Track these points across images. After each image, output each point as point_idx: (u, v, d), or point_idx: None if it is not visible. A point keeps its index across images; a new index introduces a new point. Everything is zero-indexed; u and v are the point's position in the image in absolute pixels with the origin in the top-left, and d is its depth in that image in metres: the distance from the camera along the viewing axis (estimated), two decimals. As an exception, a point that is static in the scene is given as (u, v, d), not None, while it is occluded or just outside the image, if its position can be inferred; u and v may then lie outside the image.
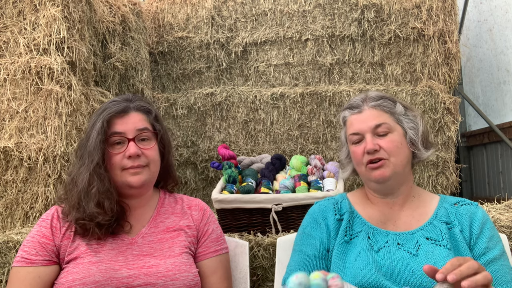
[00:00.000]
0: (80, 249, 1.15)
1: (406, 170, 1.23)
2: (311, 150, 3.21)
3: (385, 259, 1.12)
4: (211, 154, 3.29)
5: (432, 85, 3.28)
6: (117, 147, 1.20)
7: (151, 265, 1.16)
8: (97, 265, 1.12)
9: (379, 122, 1.21)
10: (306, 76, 3.45)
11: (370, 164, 1.19)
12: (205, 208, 1.35)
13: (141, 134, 1.21)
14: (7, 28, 2.33)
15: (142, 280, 1.12)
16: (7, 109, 2.20)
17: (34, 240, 1.17)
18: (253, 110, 3.27)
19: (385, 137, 1.20)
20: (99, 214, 1.14)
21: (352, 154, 1.27)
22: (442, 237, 1.14)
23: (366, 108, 1.25)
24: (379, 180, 1.19)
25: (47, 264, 1.15)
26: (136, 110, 1.24)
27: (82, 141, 1.24)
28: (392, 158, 1.19)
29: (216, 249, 1.29)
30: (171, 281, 1.14)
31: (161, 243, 1.22)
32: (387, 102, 1.26)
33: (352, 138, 1.25)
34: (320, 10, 3.45)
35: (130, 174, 1.19)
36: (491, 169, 3.92)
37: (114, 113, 1.20)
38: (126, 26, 3.04)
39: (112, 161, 1.19)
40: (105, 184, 1.16)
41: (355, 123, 1.25)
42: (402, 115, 1.25)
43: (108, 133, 1.19)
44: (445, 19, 3.36)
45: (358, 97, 1.29)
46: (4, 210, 2.17)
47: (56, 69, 2.19)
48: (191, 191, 3.34)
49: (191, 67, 3.64)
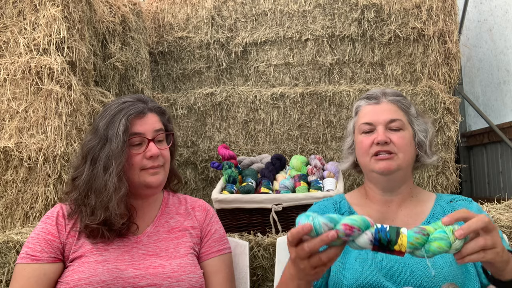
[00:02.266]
0: (86, 247, 1.15)
1: (409, 170, 1.24)
2: (311, 150, 3.21)
3: (385, 260, 1.12)
4: (211, 154, 3.29)
5: (432, 85, 3.28)
6: (136, 148, 1.20)
7: (157, 266, 1.16)
8: (103, 264, 1.11)
9: (394, 117, 1.22)
10: (306, 76, 3.45)
11: (377, 156, 1.19)
12: (208, 209, 1.35)
13: (158, 136, 1.23)
14: (7, 28, 2.33)
15: (148, 280, 1.13)
16: (7, 109, 2.20)
17: (40, 237, 1.17)
18: (253, 110, 3.27)
19: (397, 132, 1.21)
20: (123, 215, 1.14)
21: (359, 144, 1.26)
22: None
23: (384, 101, 1.26)
24: (383, 172, 1.18)
25: (52, 261, 1.14)
26: (152, 111, 1.26)
27: (92, 143, 1.20)
28: (400, 154, 1.19)
29: (219, 249, 1.29)
30: (176, 282, 1.14)
31: (166, 242, 1.22)
32: (405, 100, 1.28)
33: (363, 128, 1.24)
34: (320, 10, 3.45)
35: (149, 174, 1.20)
36: (491, 169, 3.92)
37: (134, 114, 1.20)
38: (126, 26, 3.04)
39: (132, 161, 1.19)
40: (126, 186, 1.16)
41: (369, 113, 1.25)
42: (414, 117, 1.27)
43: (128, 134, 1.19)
44: (445, 19, 3.36)
45: (377, 90, 1.30)
46: (4, 210, 2.17)
47: (56, 69, 2.19)
48: (191, 191, 3.34)
49: (191, 67, 3.64)
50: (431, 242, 0.84)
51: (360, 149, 1.25)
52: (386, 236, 0.83)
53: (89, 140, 1.22)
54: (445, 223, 0.86)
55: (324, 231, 0.82)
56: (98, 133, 1.20)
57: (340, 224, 0.83)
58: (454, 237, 0.83)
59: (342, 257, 1.15)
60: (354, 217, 0.85)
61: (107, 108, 1.24)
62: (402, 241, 0.83)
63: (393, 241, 0.83)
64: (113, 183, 1.14)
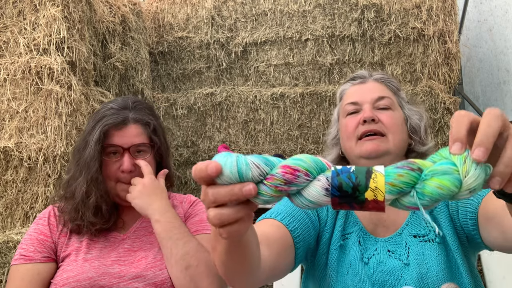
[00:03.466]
0: (74, 245, 1.16)
1: (399, 157, 1.05)
2: (311, 150, 3.21)
3: (376, 273, 1.01)
4: (211, 154, 3.29)
5: (432, 85, 3.28)
6: (113, 156, 1.19)
7: (140, 258, 1.16)
8: (90, 262, 1.13)
9: (382, 95, 1.07)
10: (306, 76, 3.45)
11: (363, 138, 1.01)
12: (195, 200, 1.35)
13: (137, 147, 1.20)
14: (7, 28, 2.33)
15: (133, 273, 1.14)
16: (7, 109, 2.20)
17: (32, 237, 1.18)
18: (253, 110, 3.27)
19: (386, 111, 1.05)
20: (97, 222, 1.15)
21: (343, 128, 1.08)
22: (427, 228, 1.02)
23: (370, 80, 1.12)
24: (371, 154, 1.00)
25: (46, 261, 1.15)
26: (135, 122, 1.21)
27: (78, 144, 1.22)
28: (390, 135, 1.02)
29: (197, 229, 1.27)
30: (160, 271, 1.14)
31: (151, 236, 1.22)
32: (394, 82, 1.13)
33: (348, 108, 1.08)
34: (320, 10, 3.45)
35: (122, 189, 1.18)
36: (491, 169, 3.92)
37: (111, 125, 1.18)
38: (126, 26, 3.04)
39: (108, 170, 1.18)
40: (102, 190, 1.16)
41: (355, 93, 1.10)
42: (405, 101, 1.12)
43: (105, 142, 1.18)
44: (445, 19, 3.36)
45: (363, 71, 1.16)
46: (4, 210, 2.17)
47: (56, 69, 2.18)
48: (191, 191, 3.34)
49: (191, 67, 3.64)
50: (426, 181, 0.51)
51: (345, 133, 1.07)
52: (349, 179, 0.52)
53: (78, 142, 1.24)
54: (455, 151, 0.50)
55: (250, 177, 0.52)
56: (83, 136, 1.22)
57: (278, 167, 0.53)
58: (466, 168, 0.49)
59: (335, 266, 1.03)
60: (300, 156, 0.54)
61: (97, 112, 1.24)
62: (377, 184, 0.51)
63: (362, 185, 0.51)
64: (81, 192, 1.14)
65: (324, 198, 0.53)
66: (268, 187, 0.53)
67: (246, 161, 0.52)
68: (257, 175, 0.52)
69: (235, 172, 0.52)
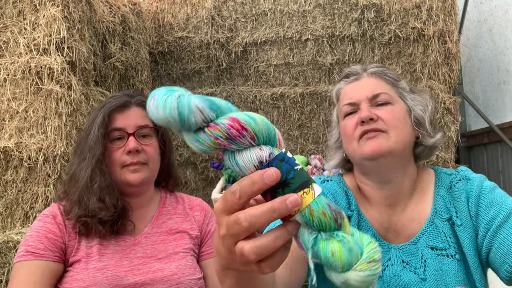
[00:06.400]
0: (85, 250, 1.12)
1: (406, 154, 1.00)
2: (311, 150, 3.21)
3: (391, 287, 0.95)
4: (211, 154, 3.29)
5: (432, 85, 3.28)
6: (117, 143, 1.18)
7: (156, 270, 1.15)
8: (102, 272, 1.09)
9: (378, 91, 1.01)
10: (306, 76, 3.45)
11: (363, 137, 0.97)
12: (206, 208, 1.35)
13: (142, 131, 1.19)
14: (7, 28, 2.33)
15: (148, 286, 1.12)
16: (7, 109, 2.20)
17: (40, 234, 1.11)
18: (253, 110, 3.27)
19: (385, 107, 0.99)
20: (101, 209, 1.11)
21: (343, 130, 1.04)
22: (447, 242, 0.97)
23: (365, 75, 1.06)
24: (373, 154, 0.95)
25: (57, 260, 1.09)
26: (137, 105, 1.22)
27: (81, 137, 1.22)
28: (392, 131, 0.96)
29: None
30: (176, 285, 1.14)
31: (165, 244, 1.20)
32: (391, 72, 1.07)
33: (345, 110, 1.03)
34: (320, 10, 3.45)
35: (129, 171, 1.17)
36: (491, 169, 3.92)
37: (115, 107, 1.18)
38: (126, 26, 3.04)
39: (112, 157, 1.17)
40: (107, 179, 1.13)
41: (350, 92, 1.05)
42: (406, 91, 1.05)
43: (109, 128, 1.17)
44: (445, 19, 3.36)
45: (357, 66, 1.10)
46: (4, 210, 2.17)
47: (56, 69, 2.19)
48: (191, 191, 3.34)
49: (191, 67, 3.64)
50: (332, 239, 0.48)
51: (345, 135, 1.03)
52: (287, 173, 0.47)
53: (80, 135, 1.23)
54: None
55: (194, 123, 0.46)
56: (85, 127, 1.21)
57: (226, 117, 0.47)
58: (365, 265, 0.48)
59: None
60: (254, 115, 0.49)
61: (99, 105, 1.25)
62: (304, 197, 0.46)
63: (292, 188, 0.47)
64: (86, 176, 1.12)
65: (252, 168, 0.47)
66: (208, 136, 0.46)
67: (189, 104, 0.45)
68: (200, 121, 0.45)
69: (176, 115, 0.44)
